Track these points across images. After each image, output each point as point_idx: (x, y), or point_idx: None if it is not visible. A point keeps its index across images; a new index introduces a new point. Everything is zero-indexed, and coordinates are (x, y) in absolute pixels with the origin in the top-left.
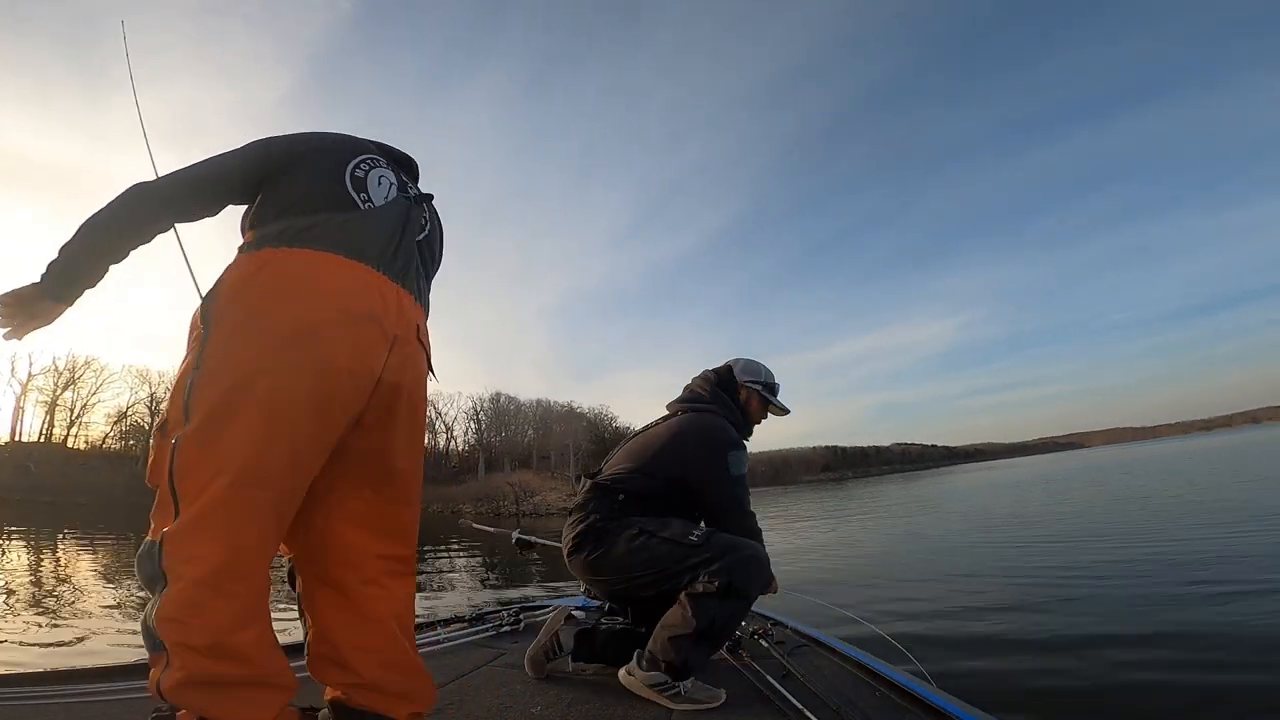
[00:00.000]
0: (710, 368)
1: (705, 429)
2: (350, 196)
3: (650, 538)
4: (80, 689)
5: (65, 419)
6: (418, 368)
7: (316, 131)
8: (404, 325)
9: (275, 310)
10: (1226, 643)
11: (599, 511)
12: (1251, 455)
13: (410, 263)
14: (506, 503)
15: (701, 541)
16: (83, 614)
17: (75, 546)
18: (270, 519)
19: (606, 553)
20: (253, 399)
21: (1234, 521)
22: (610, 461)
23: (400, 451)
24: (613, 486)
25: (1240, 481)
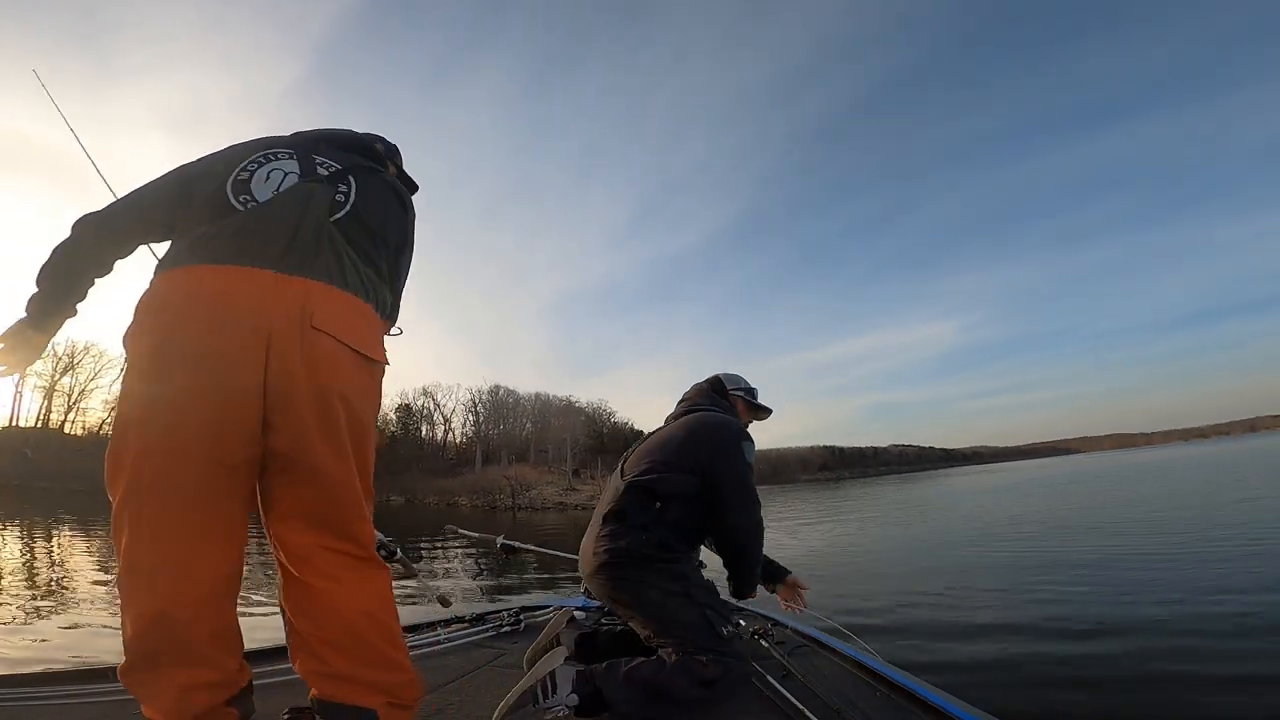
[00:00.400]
0: (696, 382)
1: (722, 422)
2: (228, 202)
3: (689, 602)
4: (80, 690)
5: (63, 405)
6: (319, 355)
7: (232, 144)
8: (284, 315)
9: (149, 337)
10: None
11: (639, 526)
12: (1245, 464)
13: (318, 245)
14: (503, 496)
15: (730, 637)
16: (73, 605)
17: (70, 534)
18: (171, 527)
19: (639, 588)
20: (129, 424)
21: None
22: (629, 462)
23: (316, 448)
24: (648, 487)
25: (1233, 493)
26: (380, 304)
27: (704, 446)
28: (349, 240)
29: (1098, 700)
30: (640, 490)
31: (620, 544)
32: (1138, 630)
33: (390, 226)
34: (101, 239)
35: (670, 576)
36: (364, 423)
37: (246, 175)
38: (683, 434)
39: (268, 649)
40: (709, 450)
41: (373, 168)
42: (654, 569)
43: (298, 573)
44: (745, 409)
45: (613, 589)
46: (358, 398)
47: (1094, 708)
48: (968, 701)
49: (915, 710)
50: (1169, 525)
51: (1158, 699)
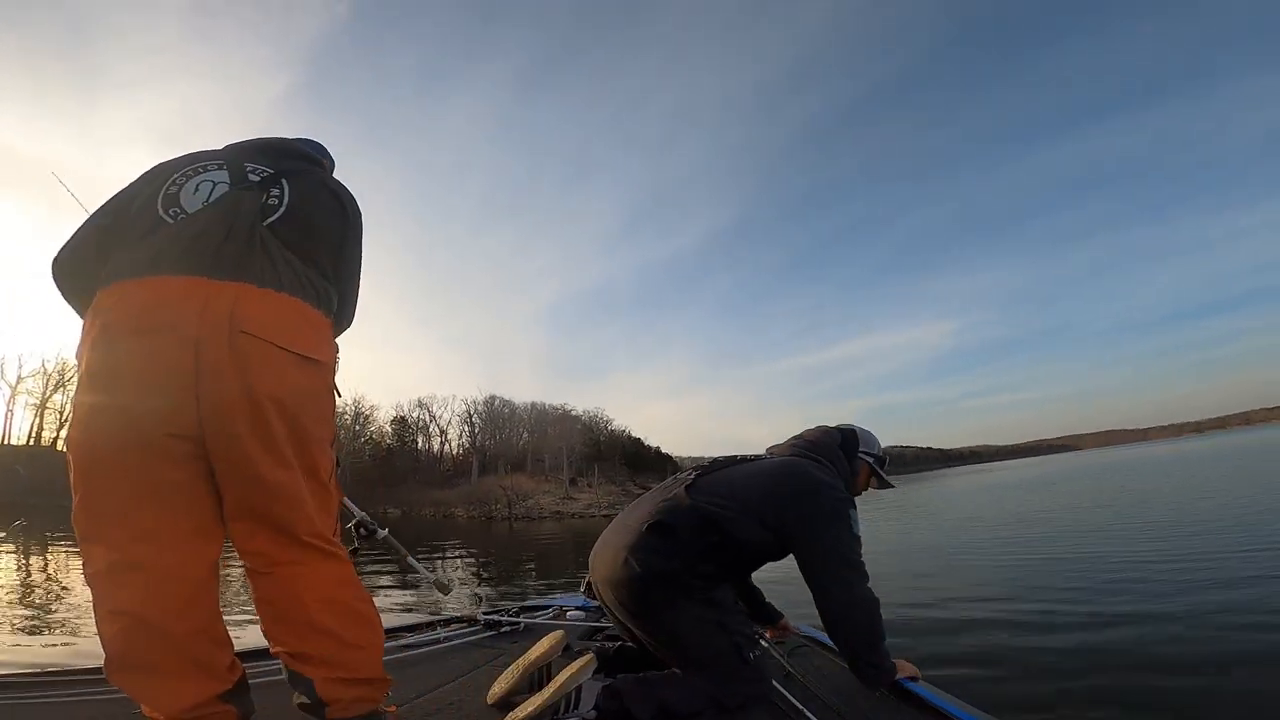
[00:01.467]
0: (834, 425)
1: (824, 485)
2: (157, 216)
3: (720, 630)
4: (80, 690)
5: (55, 422)
6: (249, 359)
7: (162, 162)
8: (213, 321)
9: (88, 353)
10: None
11: (687, 553)
12: (1239, 458)
13: (249, 250)
14: (499, 506)
15: (755, 664)
16: (69, 617)
17: (64, 550)
18: (127, 531)
19: (669, 613)
20: (75, 437)
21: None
22: (705, 480)
23: (249, 452)
24: (715, 520)
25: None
26: (323, 302)
27: (794, 507)
28: (285, 242)
29: (1098, 700)
30: (704, 518)
31: (660, 563)
32: (1139, 631)
33: (330, 223)
34: (67, 294)
35: (706, 604)
36: (305, 423)
37: (175, 189)
38: (775, 485)
39: (263, 648)
40: (798, 513)
41: (305, 169)
42: (692, 599)
43: (250, 566)
44: (867, 476)
45: (636, 606)
46: (296, 398)
47: (1094, 707)
48: (968, 701)
49: (915, 710)
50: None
51: (1158, 699)
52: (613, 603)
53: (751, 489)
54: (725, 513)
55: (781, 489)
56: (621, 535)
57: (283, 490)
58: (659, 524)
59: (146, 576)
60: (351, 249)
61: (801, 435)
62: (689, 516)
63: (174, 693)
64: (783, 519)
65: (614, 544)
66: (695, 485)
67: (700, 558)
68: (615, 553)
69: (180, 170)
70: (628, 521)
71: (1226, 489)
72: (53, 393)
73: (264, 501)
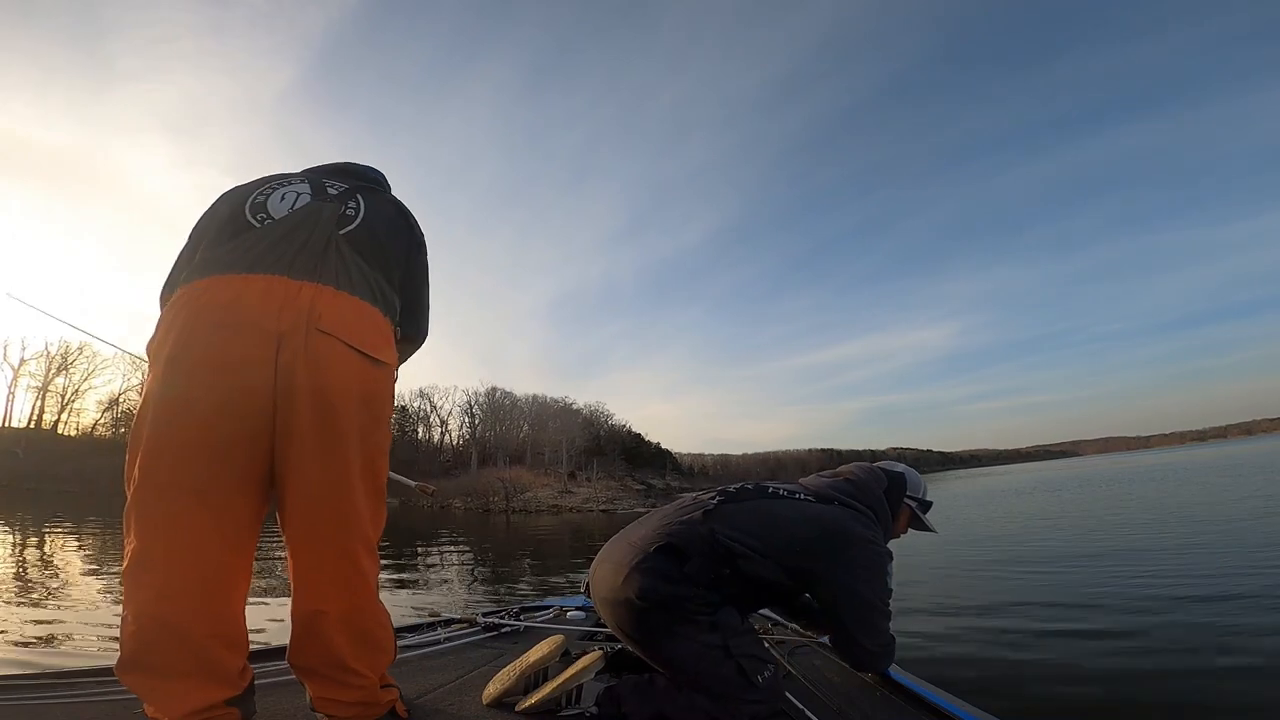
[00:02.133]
0: (881, 465)
1: (863, 539)
2: (246, 221)
3: (725, 655)
4: (80, 690)
5: (56, 405)
6: (322, 356)
7: (233, 186)
8: (293, 318)
9: (167, 346)
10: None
11: (695, 581)
12: (1249, 467)
13: (325, 254)
14: (496, 498)
15: (765, 686)
16: (66, 606)
17: (61, 535)
18: (177, 525)
19: (669, 639)
20: (144, 423)
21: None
22: (729, 510)
23: (311, 450)
24: (730, 554)
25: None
26: (389, 309)
27: (828, 559)
28: (358, 250)
29: (1098, 700)
30: (720, 549)
31: (664, 587)
32: (1141, 630)
33: (398, 237)
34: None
35: (710, 629)
36: (365, 424)
37: (263, 198)
38: (809, 536)
39: (270, 648)
40: (830, 565)
41: (376, 188)
42: (694, 624)
43: (292, 566)
44: (907, 521)
45: (636, 630)
46: (363, 399)
47: (1094, 707)
48: (968, 701)
49: (915, 710)
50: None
51: (1159, 698)
52: (611, 622)
53: (781, 533)
54: (746, 549)
55: (816, 544)
56: (625, 552)
57: (337, 492)
58: (669, 546)
59: (167, 576)
60: (418, 259)
61: (843, 473)
62: (704, 544)
63: (180, 696)
64: (814, 570)
65: (616, 560)
66: (717, 512)
67: (707, 587)
68: (616, 570)
69: (265, 183)
70: (633, 538)
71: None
72: (54, 376)
73: (317, 503)
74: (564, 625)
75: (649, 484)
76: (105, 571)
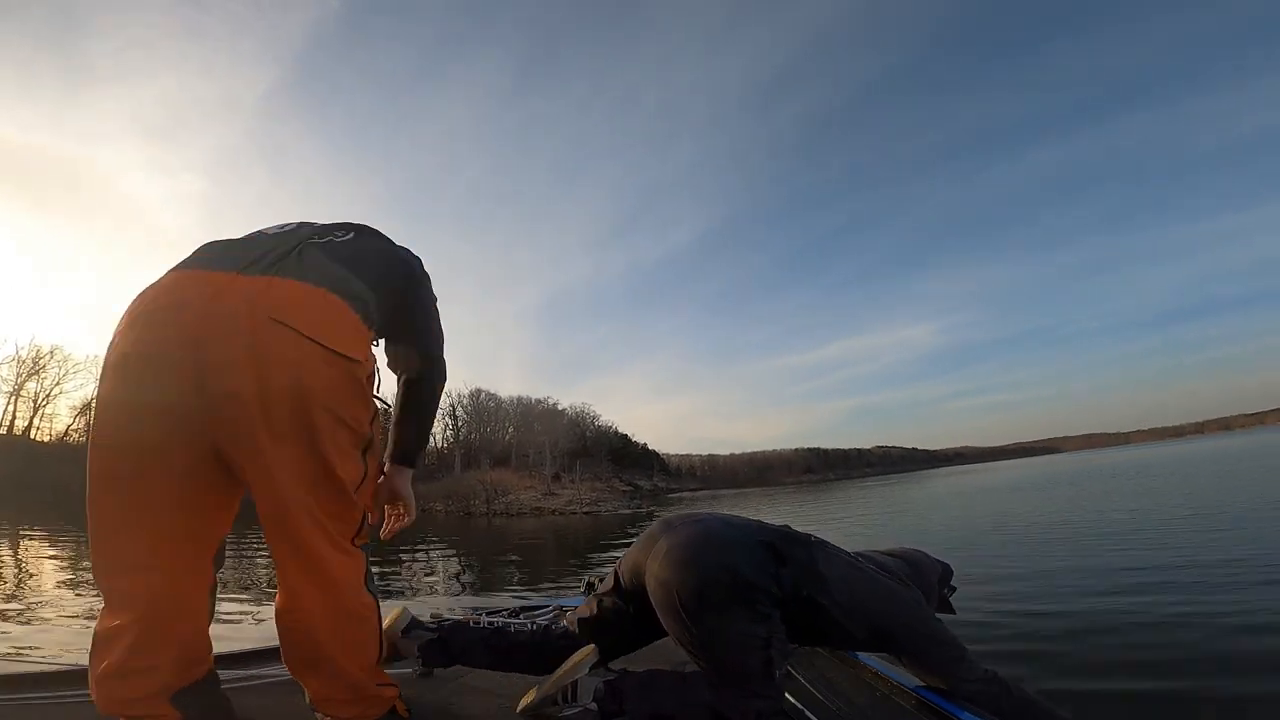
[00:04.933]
0: (926, 552)
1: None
2: (232, 239)
3: (763, 647)
4: (80, 690)
5: (28, 410)
6: (271, 349)
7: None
8: (232, 311)
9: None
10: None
11: (784, 579)
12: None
13: (288, 255)
14: (477, 501)
15: (778, 681)
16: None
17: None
18: (117, 524)
19: (717, 613)
20: (92, 424)
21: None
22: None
23: (262, 447)
24: (821, 581)
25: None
26: (360, 305)
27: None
28: (330, 255)
29: (1099, 699)
30: (813, 576)
31: (752, 574)
32: (1140, 631)
33: (390, 262)
34: None
35: (763, 619)
36: (321, 421)
37: (265, 228)
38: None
39: (271, 648)
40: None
41: (381, 235)
42: (750, 610)
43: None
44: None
45: (694, 597)
46: (320, 392)
47: (1095, 706)
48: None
49: (915, 710)
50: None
51: (1158, 698)
52: (668, 581)
53: (862, 602)
54: (833, 606)
55: (887, 630)
56: (725, 529)
57: (285, 490)
58: (773, 545)
59: (131, 614)
60: (419, 288)
61: (899, 554)
62: (800, 564)
63: (131, 690)
64: (891, 636)
65: (709, 529)
66: (819, 544)
67: (785, 600)
68: (708, 538)
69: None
70: (731, 519)
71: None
72: (26, 380)
73: (268, 502)
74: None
75: (636, 485)
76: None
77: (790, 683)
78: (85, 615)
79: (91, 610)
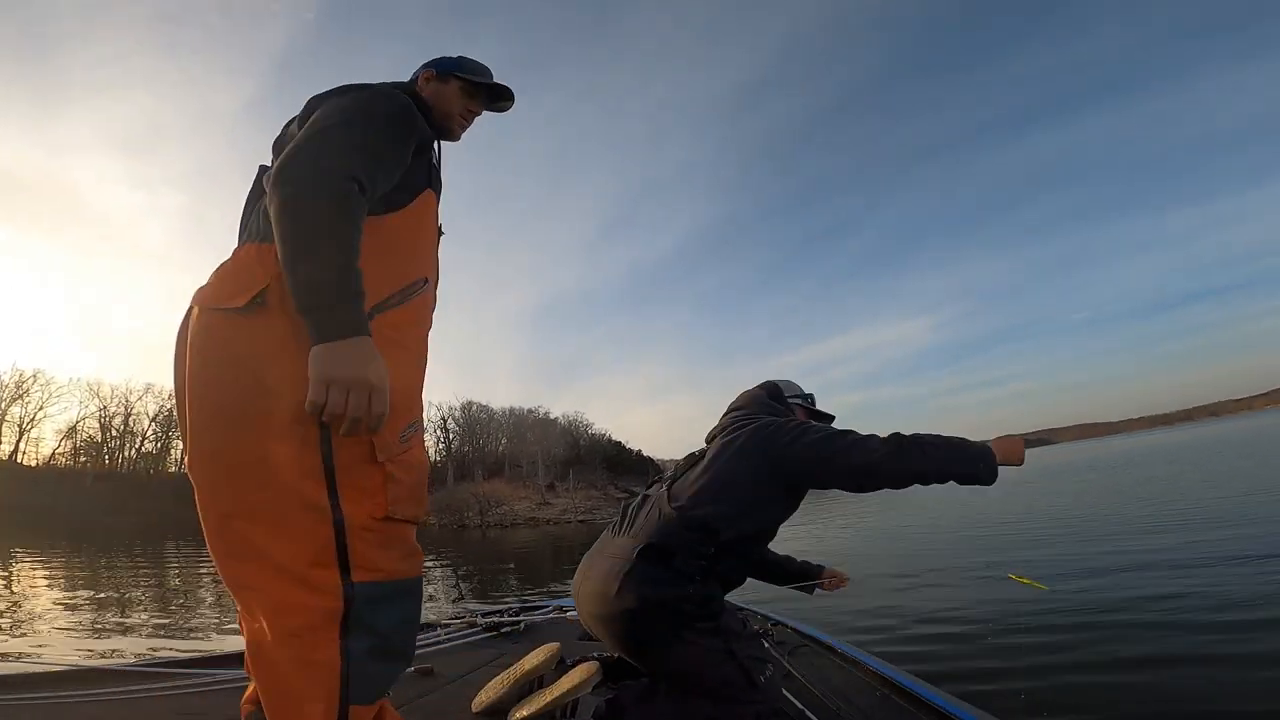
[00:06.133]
0: (746, 389)
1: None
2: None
3: (729, 657)
4: (80, 690)
5: (14, 434)
6: (191, 339)
7: None
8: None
9: None
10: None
11: (687, 576)
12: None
13: (245, 220)
14: (471, 514)
15: (765, 687)
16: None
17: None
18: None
19: (673, 646)
20: None
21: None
22: (680, 484)
23: (188, 454)
24: (707, 525)
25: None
26: (264, 231)
27: (772, 450)
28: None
29: (1097, 699)
30: (697, 527)
31: (658, 593)
32: (1139, 631)
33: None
34: None
35: (713, 634)
36: (234, 402)
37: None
38: (746, 450)
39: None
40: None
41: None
42: (697, 628)
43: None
44: (803, 417)
45: (636, 643)
46: (206, 378)
47: (1094, 706)
48: (967, 701)
49: (915, 710)
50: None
51: (1159, 698)
52: (608, 638)
53: (725, 472)
54: (714, 510)
55: (753, 455)
56: (609, 564)
57: (209, 490)
58: (650, 548)
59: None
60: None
61: (733, 405)
62: (682, 531)
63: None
64: (770, 468)
65: (602, 575)
66: (672, 490)
67: (701, 577)
68: (606, 585)
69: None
70: (611, 549)
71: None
72: (10, 405)
73: (203, 509)
74: (565, 628)
75: (632, 491)
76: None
77: (790, 683)
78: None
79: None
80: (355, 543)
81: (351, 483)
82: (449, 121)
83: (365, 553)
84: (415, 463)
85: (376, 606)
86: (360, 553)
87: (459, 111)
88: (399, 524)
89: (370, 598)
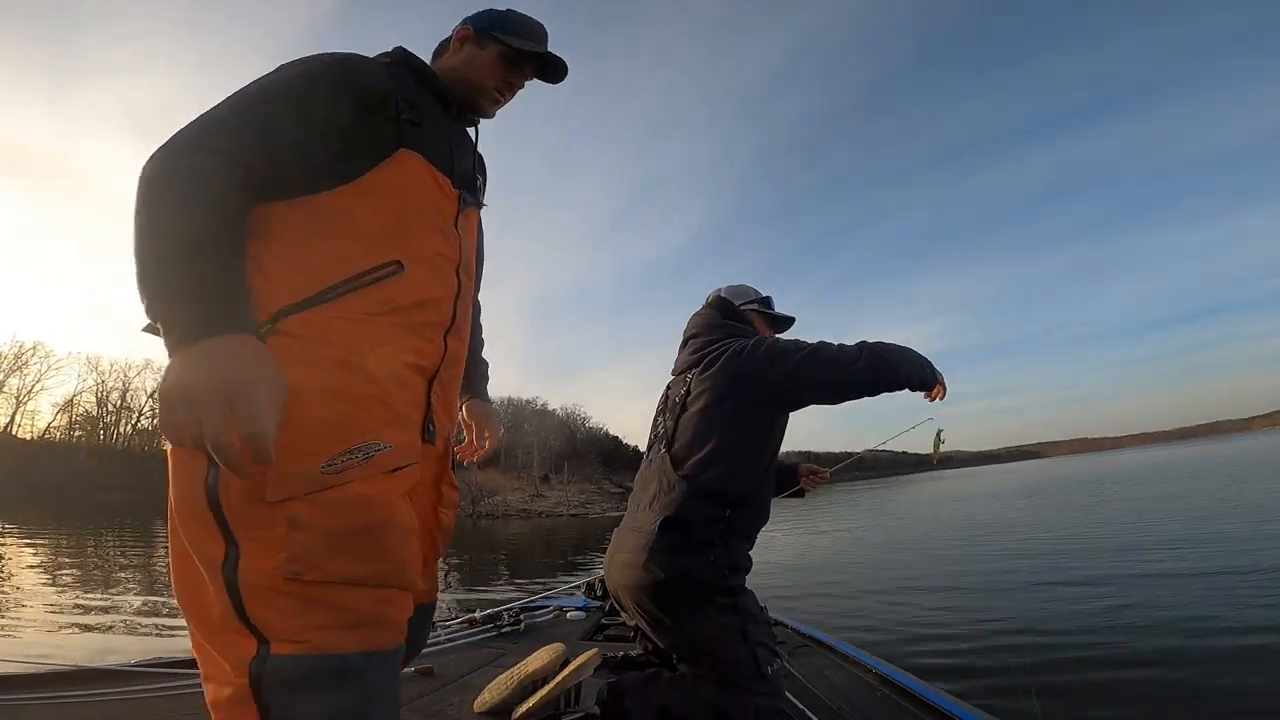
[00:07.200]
0: (700, 307)
1: (741, 342)
2: None
3: (743, 639)
4: (80, 690)
5: (10, 407)
6: None
7: None
8: None
9: None
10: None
11: (708, 543)
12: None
13: None
14: (463, 502)
15: (772, 678)
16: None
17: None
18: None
19: (694, 618)
20: None
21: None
22: (682, 446)
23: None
24: (717, 491)
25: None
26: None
27: (750, 382)
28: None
29: (1097, 699)
30: (707, 495)
31: (684, 562)
32: (1138, 631)
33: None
34: None
35: (732, 611)
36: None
37: None
38: (720, 390)
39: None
40: (756, 381)
41: None
42: (717, 603)
43: None
44: (763, 325)
45: (660, 610)
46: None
47: (1094, 707)
48: (967, 701)
49: (915, 710)
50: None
51: (1159, 697)
52: (633, 608)
53: (716, 427)
54: (719, 471)
55: (737, 398)
56: (636, 537)
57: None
58: (670, 520)
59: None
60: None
61: (689, 334)
62: (695, 501)
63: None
64: (754, 404)
65: (632, 545)
66: (676, 459)
67: (719, 544)
68: (635, 555)
69: None
70: (636, 524)
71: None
72: (8, 377)
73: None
74: (565, 626)
75: (627, 487)
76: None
77: (790, 682)
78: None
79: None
80: (254, 606)
81: (246, 531)
82: (479, 96)
83: (274, 621)
84: (357, 502)
85: (296, 691)
86: (266, 621)
87: (495, 84)
88: (333, 585)
89: (288, 677)
